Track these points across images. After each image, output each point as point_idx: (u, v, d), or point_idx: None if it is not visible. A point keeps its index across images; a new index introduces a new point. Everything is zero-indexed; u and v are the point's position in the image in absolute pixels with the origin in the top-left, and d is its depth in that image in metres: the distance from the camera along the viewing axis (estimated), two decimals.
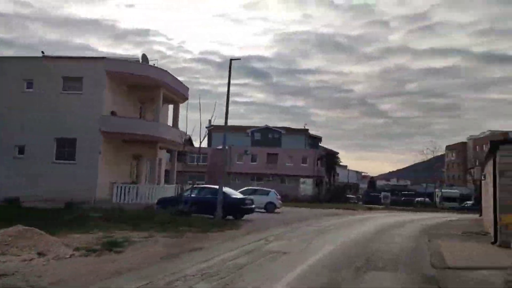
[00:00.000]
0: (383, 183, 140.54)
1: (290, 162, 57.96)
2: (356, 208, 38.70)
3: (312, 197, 54.61)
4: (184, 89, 27.72)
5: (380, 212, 34.85)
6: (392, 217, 27.86)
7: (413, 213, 36.45)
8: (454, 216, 33.89)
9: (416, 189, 72.95)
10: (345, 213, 30.22)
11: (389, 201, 46.08)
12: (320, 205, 41.71)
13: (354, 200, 59.18)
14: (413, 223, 23.27)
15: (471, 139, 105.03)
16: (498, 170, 13.79)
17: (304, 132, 70.80)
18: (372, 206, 43.30)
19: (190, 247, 11.56)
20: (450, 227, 21.03)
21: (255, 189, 29.21)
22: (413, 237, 16.10)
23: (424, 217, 30.13)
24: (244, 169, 57.35)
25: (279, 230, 16.31)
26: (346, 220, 23.66)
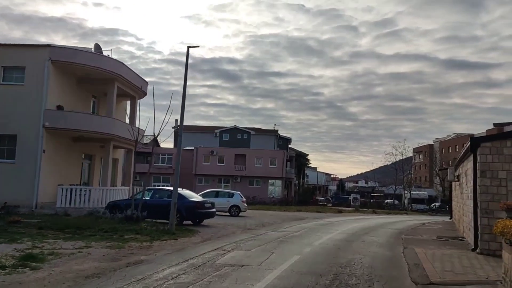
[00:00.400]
0: (352, 185, 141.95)
1: (259, 163, 56.36)
2: (325, 211, 37.47)
3: (281, 199, 53.20)
4: (142, 83, 25.61)
5: (349, 215, 33.68)
6: (362, 221, 26.63)
7: (383, 216, 35.52)
8: (424, 219, 33.08)
9: (384, 191, 72.96)
10: (314, 217, 28.80)
11: (359, 203, 45.16)
12: (289, 208, 40.26)
13: (324, 202, 58.15)
14: (385, 227, 22.02)
15: (437, 142, 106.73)
16: (479, 170, 12.53)
17: (274, 133, 69.43)
18: (341, 208, 42.19)
19: (129, 260, 9.69)
20: (424, 231, 19.84)
21: (218, 191, 27.39)
22: (387, 244, 14.69)
23: (395, 220, 29.09)
24: (211, 171, 55.37)
25: (239, 237, 14.57)
26: (314, 224, 22.17)
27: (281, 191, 56.74)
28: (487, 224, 12.23)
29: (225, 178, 56.31)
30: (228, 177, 55.91)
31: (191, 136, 65.18)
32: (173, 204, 14.84)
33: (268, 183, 56.75)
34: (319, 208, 43.15)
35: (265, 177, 55.90)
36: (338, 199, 56.96)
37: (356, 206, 43.88)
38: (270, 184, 56.90)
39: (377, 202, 54.18)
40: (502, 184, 12.25)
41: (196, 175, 55.43)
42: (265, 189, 56.02)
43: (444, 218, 35.38)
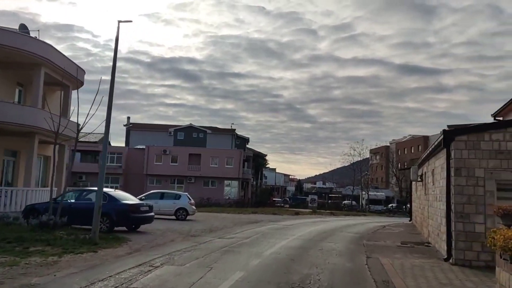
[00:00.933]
0: (310, 186, 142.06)
1: (214, 163, 53.95)
2: (282, 213, 35.65)
3: (237, 200, 51.04)
4: (78, 71, 22.65)
5: (307, 217, 31.99)
6: (320, 224, 24.91)
7: (341, 218, 34.12)
8: (384, 221, 31.91)
9: (342, 192, 72.50)
10: (269, 219, 26.83)
11: (316, 205, 43.75)
12: (244, 210, 38.15)
13: (281, 203, 56.49)
14: (344, 231, 20.32)
15: (393, 143, 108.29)
16: (453, 168, 10.87)
17: (231, 133, 67.23)
18: (299, 210, 40.55)
19: (13, 285, 7.20)
20: (386, 236, 18.25)
21: (163, 192, 24.81)
22: (348, 252, 12.82)
23: (354, 223, 27.63)
24: (164, 171, 52.41)
25: (177, 247, 12.25)
26: (269, 228, 20.14)
27: (237, 192, 54.61)
28: (462, 230, 10.60)
29: (178, 178, 53.52)
30: (181, 177, 53.16)
31: (144, 135, 61.89)
32: (97, 208, 12.31)
33: (224, 184, 54.50)
34: (276, 209, 41.31)
35: (221, 177, 53.59)
36: (296, 200, 55.41)
37: (314, 207, 42.41)
38: (226, 185, 54.65)
39: (335, 203, 53.12)
40: (479, 183, 10.65)
41: (147, 175, 52.30)
42: (220, 190, 53.70)
43: (403, 219, 34.44)
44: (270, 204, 52.81)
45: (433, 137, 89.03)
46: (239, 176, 54.09)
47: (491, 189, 10.55)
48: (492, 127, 10.89)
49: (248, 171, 58.86)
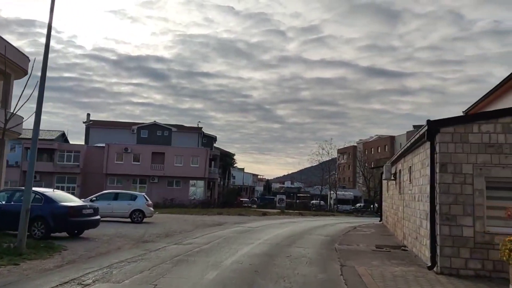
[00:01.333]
0: (278, 185, 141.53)
1: (179, 162, 51.79)
2: (249, 213, 34.09)
3: (203, 201, 49.12)
4: (21, 58, 20.33)
5: (275, 218, 30.57)
6: (288, 225, 23.51)
7: (310, 218, 32.91)
8: (353, 221, 30.90)
9: (310, 191, 71.75)
10: (235, 221, 25.22)
11: (285, 205, 42.47)
12: (209, 211, 36.36)
13: (249, 203, 54.93)
14: (313, 233, 18.95)
15: (360, 143, 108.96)
16: (438, 163, 9.57)
17: (198, 131, 65.17)
18: (266, 210, 39.11)
19: None
20: (358, 238, 16.97)
21: (117, 193, 22.72)
22: (319, 259, 11.37)
23: (323, 223, 26.40)
24: (125, 170, 49.80)
25: (121, 257, 10.44)
26: (233, 231, 18.52)
27: (203, 192, 52.66)
28: (449, 234, 9.32)
29: (141, 178, 51.07)
30: (144, 177, 50.73)
31: (105, 133, 58.87)
32: (24, 211, 10.33)
33: (189, 183, 52.42)
34: (243, 210, 39.72)
35: (186, 177, 51.49)
36: (264, 200, 54.00)
37: (282, 207, 41.12)
38: (191, 185, 52.61)
39: (303, 203, 52.08)
40: (467, 181, 9.40)
41: (107, 175, 49.56)
42: (186, 191, 51.61)
43: (372, 220, 33.60)
44: (237, 205, 51.19)
45: (399, 137, 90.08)
46: (205, 176, 52.16)
47: (480, 188, 9.32)
48: (482, 117, 9.66)
49: (215, 170, 57.02)
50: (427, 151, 10.52)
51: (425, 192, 10.74)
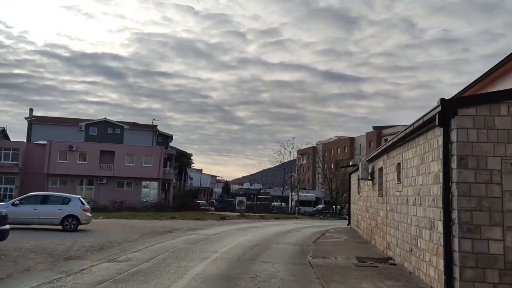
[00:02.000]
0: (237, 187, 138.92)
1: (131, 162, 47.95)
2: (205, 218, 31.14)
3: (156, 204, 45.60)
4: None
5: (234, 223, 27.84)
6: (250, 231, 20.87)
7: (273, 222, 30.44)
8: (318, 224, 28.75)
9: (270, 193, 69.61)
10: (189, 227, 22.29)
11: (245, 207, 39.86)
12: (162, 215, 33.13)
13: (206, 206, 51.77)
14: (280, 242, 16.40)
15: (320, 144, 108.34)
16: (456, 156, 7.19)
17: (152, 129, 61.40)
18: (225, 214, 36.26)
19: None
20: (332, 248, 14.57)
21: (47, 195, 19.15)
22: (294, 280, 8.75)
23: (288, 228, 23.98)
24: (70, 170, 45.36)
25: (22, 285, 7.37)
26: (184, 241, 15.63)
27: (157, 194, 49.07)
28: (471, 251, 6.96)
29: (87, 179, 46.84)
30: (91, 177, 46.53)
31: (50, 130, 53.92)
32: None
33: (142, 185, 48.70)
34: (200, 214, 36.70)
35: (138, 178, 47.71)
36: (222, 203, 51.01)
37: (242, 210, 38.49)
38: (144, 186, 48.89)
39: (264, 205, 49.63)
40: (495, 179, 7.08)
41: (49, 175, 44.95)
42: (137, 192, 47.84)
43: (337, 223, 31.60)
44: (194, 207, 48.01)
45: (359, 138, 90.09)
46: (159, 177, 48.58)
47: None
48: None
49: (170, 171, 53.53)
50: (433, 141, 8.18)
51: (429, 194, 8.41)
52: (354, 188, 23.12)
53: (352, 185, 24.81)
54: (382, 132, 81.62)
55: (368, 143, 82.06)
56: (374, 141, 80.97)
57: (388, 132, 79.52)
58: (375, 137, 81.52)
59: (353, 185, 24.35)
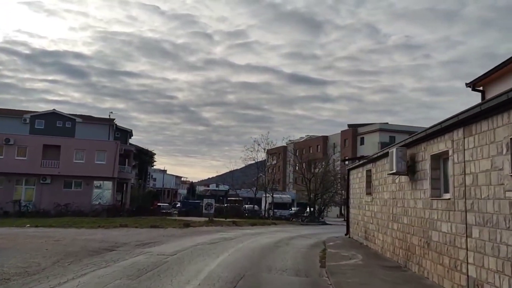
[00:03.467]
0: (203, 188, 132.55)
1: (80, 158, 41.19)
2: (166, 224, 25.18)
3: (109, 207, 39.11)
4: None
5: (202, 232, 22.06)
6: (224, 247, 15.23)
7: (249, 230, 24.82)
8: (307, 233, 23.44)
9: (239, 194, 64.11)
10: (141, 239, 16.44)
11: (213, 211, 34.09)
12: (113, 221, 26.94)
13: (169, 209, 45.35)
14: (272, 267, 10.85)
15: (291, 143, 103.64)
16: None
17: (109, 123, 54.46)
18: (189, 220, 30.22)
19: None
20: (363, 280, 9.12)
21: None
22: None
23: (273, 240, 18.51)
24: (6, 167, 38.17)
25: None
26: (122, 273, 9.79)
27: (112, 195, 42.46)
28: None
29: (28, 177, 39.71)
30: (32, 176, 39.44)
31: None
32: None
33: (94, 185, 42.01)
34: (159, 219, 30.56)
35: (88, 176, 40.99)
36: (187, 206, 44.67)
37: (210, 214, 32.65)
38: (96, 187, 42.19)
39: (235, 209, 43.91)
40: None
41: None
42: (88, 194, 41.10)
43: (325, 230, 26.40)
44: (154, 211, 41.76)
45: (332, 136, 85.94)
46: (113, 175, 41.99)
47: None
48: None
49: (127, 169, 47.02)
50: None
51: None
52: (359, 188, 17.91)
53: (353, 185, 19.62)
54: (357, 130, 77.74)
55: (343, 142, 77.92)
56: (349, 139, 76.98)
57: (364, 130, 75.81)
58: (350, 135, 77.54)
59: (354, 185, 19.16)
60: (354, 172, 19.13)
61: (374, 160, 15.16)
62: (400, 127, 73.43)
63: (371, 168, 15.63)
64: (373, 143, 71.77)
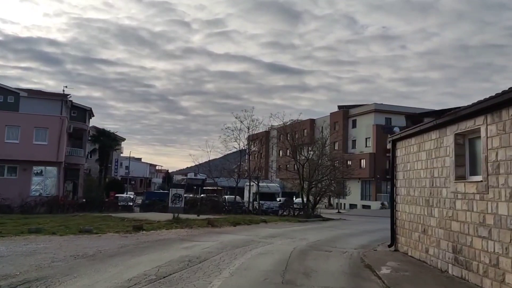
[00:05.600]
0: (180, 177, 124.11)
1: (14, 138, 32.45)
2: (105, 228, 16.89)
3: (50, 200, 30.53)
4: None
5: (151, 246, 13.67)
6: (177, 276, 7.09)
7: (233, 238, 16.59)
8: (316, 238, 15.54)
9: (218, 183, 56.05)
10: (76, 250, 8.26)
11: (183, 204, 25.97)
12: (29, 222, 18.50)
13: (129, 201, 36.54)
14: None
15: (274, 129, 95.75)
16: None
17: (61, 98, 45.31)
18: (146, 219, 21.78)
19: None
20: None
21: None
22: None
23: (271, 263, 10.45)
24: None
25: None
26: None
27: (56, 185, 33.80)
28: None
29: None
30: None
31: None
32: None
33: (33, 171, 33.30)
34: (102, 218, 21.92)
35: (25, 161, 32.30)
36: (151, 197, 35.83)
37: (179, 209, 24.40)
38: (35, 173, 33.51)
39: (212, 201, 35.69)
40: None
41: None
42: (26, 182, 32.43)
43: (332, 229, 18.61)
44: (110, 204, 33.26)
45: (320, 119, 78.03)
46: (58, 160, 33.38)
47: None
48: None
49: (80, 152, 38.31)
50: None
51: None
52: (426, 170, 10.02)
53: (404, 164, 11.73)
54: (349, 112, 70.30)
55: (332, 125, 70.28)
56: (340, 122, 69.49)
57: (356, 112, 68.41)
58: (341, 117, 70.04)
59: (411, 164, 11.25)
60: (412, 141, 11.20)
61: (494, 108, 7.18)
62: (397, 107, 66.19)
63: (476, 126, 7.75)
64: (367, 125, 64.41)
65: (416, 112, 71.54)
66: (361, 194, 63.47)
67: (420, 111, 65.80)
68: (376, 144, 62.02)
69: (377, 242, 15.35)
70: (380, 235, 17.77)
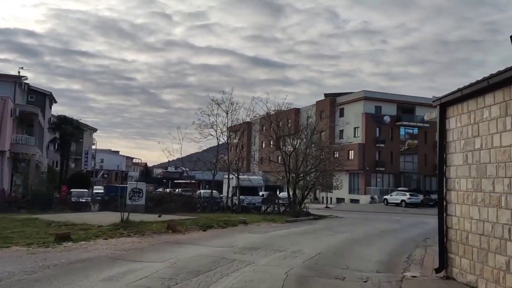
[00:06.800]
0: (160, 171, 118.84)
1: None
2: (38, 237, 12.12)
3: None
4: None
5: (77, 266, 9.08)
6: None
7: (190, 256, 11.86)
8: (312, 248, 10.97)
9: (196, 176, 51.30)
10: None
11: (144, 202, 21.12)
12: None
13: (87, 198, 31.17)
14: None
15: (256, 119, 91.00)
16: None
17: (14, 79, 39.75)
18: (88, 222, 16.82)
19: None
20: None
21: None
22: None
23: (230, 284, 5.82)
24: None
25: None
26: None
27: None
28: None
29: None
30: None
31: None
32: None
33: None
34: (27, 224, 16.80)
35: None
36: (111, 191, 30.30)
37: (140, 206, 19.51)
38: None
39: (184, 197, 30.61)
40: None
41: None
42: None
43: (331, 233, 14.17)
44: (61, 201, 28.10)
45: (305, 108, 73.45)
46: (4, 149, 28.04)
47: None
48: None
49: (30, 140, 32.90)
50: None
51: None
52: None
53: (466, 143, 7.17)
54: (336, 100, 66.01)
55: (319, 113, 65.86)
56: (327, 110, 65.08)
57: (344, 100, 64.16)
58: (328, 105, 65.69)
59: (488, 140, 6.68)
60: (487, 101, 6.60)
61: None
62: (388, 95, 62.25)
63: None
64: (355, 114, 60.16)
65: (409, 100, 67.39)
66: (349, 188, 59.29)
67: (413, 99, 61.95)
68: (366, 134, 58.05)
69: (400, 255, 10.94)
70: (394, 242, 13.49)
